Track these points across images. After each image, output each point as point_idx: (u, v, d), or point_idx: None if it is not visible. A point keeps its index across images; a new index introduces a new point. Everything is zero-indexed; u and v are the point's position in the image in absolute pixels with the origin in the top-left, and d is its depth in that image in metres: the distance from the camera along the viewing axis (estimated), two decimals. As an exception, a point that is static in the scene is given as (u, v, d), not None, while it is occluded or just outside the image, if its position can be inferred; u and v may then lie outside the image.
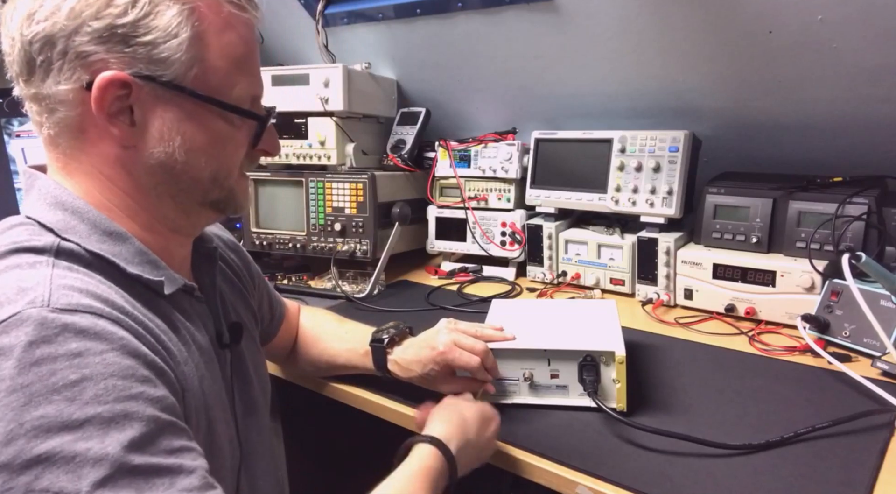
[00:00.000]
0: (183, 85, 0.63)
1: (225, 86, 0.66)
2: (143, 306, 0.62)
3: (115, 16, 0.59)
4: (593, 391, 0.88)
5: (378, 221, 1.56)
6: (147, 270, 0.65)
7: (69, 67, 0.60)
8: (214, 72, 0.64)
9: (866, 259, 0.98)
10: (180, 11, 0.61)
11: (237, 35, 0.66)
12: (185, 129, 0.65)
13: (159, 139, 0.64)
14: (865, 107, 1.27)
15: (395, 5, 1.64)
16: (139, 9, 0.60)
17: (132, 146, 0.64)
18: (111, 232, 0.64)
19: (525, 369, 0.92)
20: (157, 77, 0.62)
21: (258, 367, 0.86)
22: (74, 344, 0.52)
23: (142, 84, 0.61)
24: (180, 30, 0.61)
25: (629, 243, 1.42)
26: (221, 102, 0.66)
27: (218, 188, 0.70)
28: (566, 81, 1.59)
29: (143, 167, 0.65)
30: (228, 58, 0.65)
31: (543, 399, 0.93)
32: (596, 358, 0.90)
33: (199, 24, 0.62)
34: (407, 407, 0.96)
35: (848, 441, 0.82)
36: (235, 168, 0.71)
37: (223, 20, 0.64)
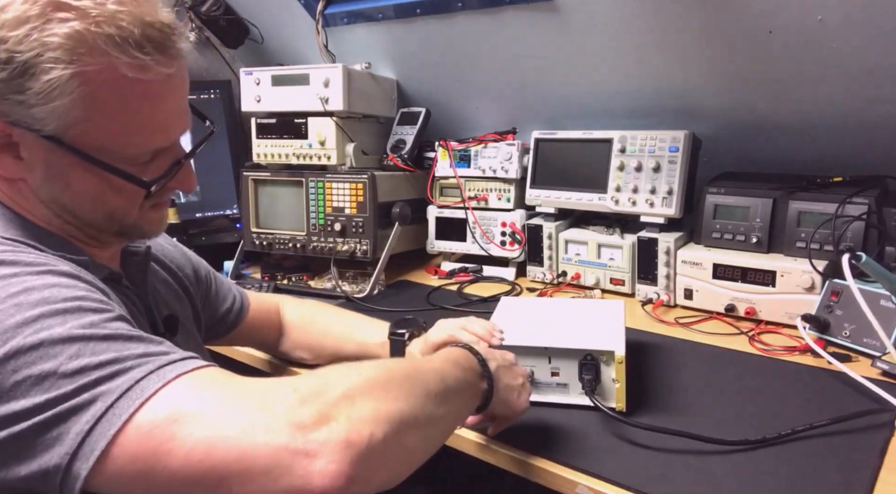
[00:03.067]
0: (64, 141, 0.60)
1: (115, 144, 0.63)
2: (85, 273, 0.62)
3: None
4: (591, 391, 0.88)
5: (378, 221, 1.55)
6: (69, 251, 0.64)
7: None
8: (101, 131, 0.61)
9: (866, 259, 0.98)
10: (60, 75, 0.57)
11: (134, 95, 0.62)
12: (69, 178, 0.63)
13: (44, 180, 0.63)
14: (865, 107, 1.27)
15: (395, 5, 1.64)
16: (12, 68, 0.57)
17: (20, 178, 0.63)
18: (26, 226, 0.64)
19: (526, 366, 0.92)
20: (36, 130, 0.60)
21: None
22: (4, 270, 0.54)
23: (21, 132, 0.60)
24: (62, 92, 0.58)
25: (629, 243, 1.42)
26: (104, 162, 0.63)
27: (117, 224, 0.69)
28: (566, 81, 1.59)
29: (35, 198, 0.65)
30: (119, 119, 0.62)
31: (544, 397, 0.93)
32: (596, 357, 0.90)
33: (85, 88, 0.59)
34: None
35: (848, 441, 0.82)
36: (133, 209, 0.69)
37: (115, 82, 0.60)
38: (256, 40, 1.98)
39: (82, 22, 0.57)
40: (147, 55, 0.60)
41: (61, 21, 0.57)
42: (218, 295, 1.01)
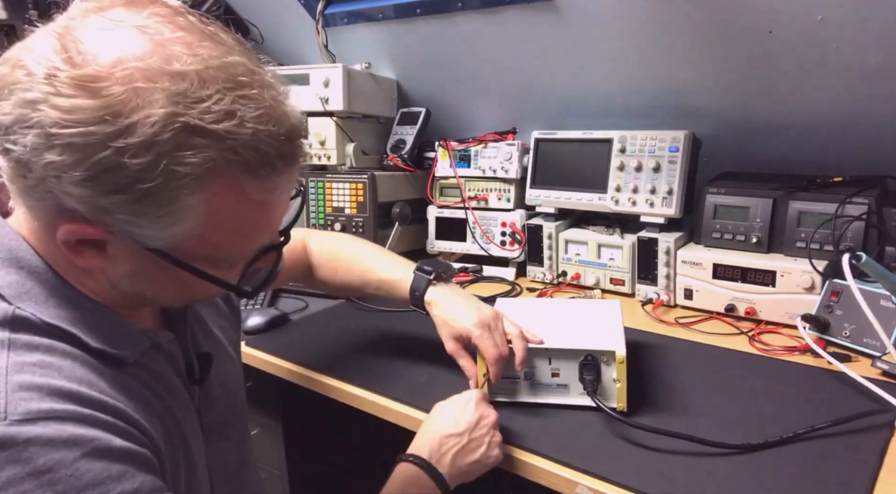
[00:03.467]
0: (168, 254, 0.55)
1: (221, 260, 0.59)
2: (109, 381, 0.57)
3: (102, 192, 0.50)
4: (593, 391, 0.88)
5: (378, 221, 1.55)
6: (109, 337, 0.59)
7: (41, 194, 0.52)
8: (213, 249, 0.57)
9: (866, 259, 0.98)
10: (187, 205, 0.52)
11: (251, 218, 0.57)
12: (160, 278, 0.59)
13: (129, 277, 0.59)
14: (865, 107, 1.27)
15: (395, 5, 1.64)
16: (132, 193, 0.50)
17: (98, 270, 0.58)
18: (70, 297, 0.58)
19: (526, 367, 0.92)
20: (141, 243, 0.54)
21: (227, 382, 0.81)
22: (42, 460, 0.48)
23: (121, 241, 0.54)
24: (182, 219, 0.53)
25: (629, 243, 1.42)
26: (209, 275, 0.58)
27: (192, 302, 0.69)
28: (566, 81, 1.59)
29: (110, 284, 0.60)
30: (235, 238, 0.58)
31: (544, 398, 0.93)
32: (597, 358, 0.90)
33: (208, 211, 0.53)
34: (408, 407, 0.96)
35: (848, 441, 0.82)
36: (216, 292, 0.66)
37: (242, 205, 0.55)
38: (256, 40, 1.98)
39: (218, 149, 0.51)
40: (279, 176, 0.55)
41: (195, 147, 0.50)
42: None
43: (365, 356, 1.13)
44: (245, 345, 1.19)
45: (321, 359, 1.12)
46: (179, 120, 0.49)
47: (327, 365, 1.09)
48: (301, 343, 1.19)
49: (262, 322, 1.26)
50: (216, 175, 0.52)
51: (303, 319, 1.33)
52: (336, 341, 1.20)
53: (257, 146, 0.52)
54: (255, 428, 1.30)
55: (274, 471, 1.31)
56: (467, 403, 0.83)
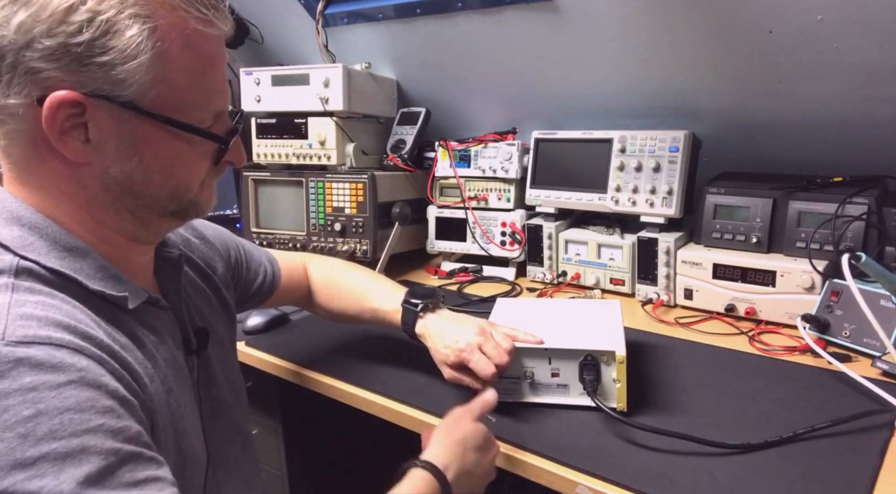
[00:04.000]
0: (141, 106, 0.60)
1: (186, 105, 0.63)
2: (107, 325, 0.61)
3: (69, 34, 0.56)
4: (593, 391, 0.88)
5: (378, 221, 1.55)
6: (110, 285, 0.63)
7: (19, 81, 0.57)
8: (175, 91, 0.62)
9: (866, 259, 0.98)
10: (140, 31, 0.58)
11: (202, 52, 0.63)
12: (142, 148, 0.62)
13: (115, 158, 0.62)
14: (865, 107, 1.27)
15: (395, 5, 1.64)
16: (95, 27, 0.56)
17: (86, 163, 0.61)
18: (71, 247, 0.62)
19: (526, 367, 0.92)
20: (114, 97, 0.59)
21: (226, 366, 0.85)
22: (28, 378, 0.50)
23: (97, 103, 0.59)
24: (140, 50, 0.58)
25: (629, 243, 1.42)
26: (182, 122, 0.63)
27: (177, 201, 0.68)
28: (566, 81, 1.59)
29: (99, 183, 0.63)
30: (191, 76, 0.63)
31: (544, 398, 0.93)
32: (596, 358, 0.90)
33: (162, 44, 0.59)
34: (408, 407, 0.96)
35: (848, 441, 0.82)
36: (196, 182, 0.69)
37: (187, 37, 0.61)
38: (256, 40, 1.98)
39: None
40: (209, 10, 0.62)
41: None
42: (249, 274, 1.00)
43: (365, 356, 1.13)
44: (245, 345, 1.20)
45: (321, 359, 1.12)
46: None
47: (327, 365, 1.09)
48: (301, 343, 1.19)
49: (262, 322, 1.26)
50: (156, 4, 0.59)
51: (303, 319, 1.33)
52: (336, 341, 1.20)
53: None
54: (255, 428, 1.30)
55: (274, 471, 1.31)
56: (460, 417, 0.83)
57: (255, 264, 1.03)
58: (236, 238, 1.01)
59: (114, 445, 0.51)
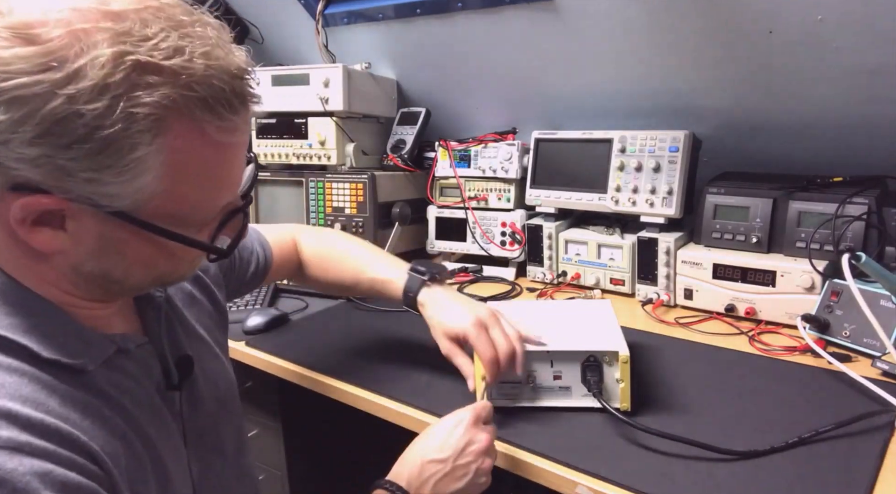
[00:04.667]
0: (133, 216, 0.52)
1: (187, 214, 0.56)
2: (60, 397, 0.53)
3: (58, 148, 0.47)
4: (598, 392, 0.88)
5: (378, 221, 1.55)
6: (68, 345, 0.56)
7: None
8: (178, 203, 0.54)
9: (866, 259, 0.98)
10: (147, 151, 0.49)
11: (215, 162, 0.55)
12: (126, 249, 0.55)
13: (92, 254, 0.55)
14: (865, 107, 1.27)
15: (395, 5, 1.64)
16: (91, 145, 0.47)
17: (59, 252, 0.54)
18: (27, 303, 0.55)
19: (528, 370, 0.92)
20: (102, 207, 0.51)
21: (212, 381, 0.78)
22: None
23: (79, 208, 0.51)
24: (143, 170, 0.50)
25: (629, 243, 1.42)
26: (176, 234, 0.55)
27: (161, 282, 0.63)
28: (566, 81, 1.59)
29: (72, 271, 0.56)
30: (199, 187, 0.55)
31: (546, 401, 0.93)
32: (599, 358, 0.89)
33: (171, 160, 0.51)
34: (409, 407, 0.96)
35: (848, 442, 0.82)
36: (185, 265, 0.63)
37: (202, 152, 0.53)
38: (256, 40, 1.98)
39: (174, 87, 0.49)
40: (236, 115, 0.53)
41: (150, 87, 0.48)
42: (241, 264, 0.98)
43: (365, 356, 1.13)
44: (245, 345, 1.20)
45: (321, 359, 1.12)
46: (129, 58, 0.47)
47: (327, 365, 1.09)
48: (301, 343, 1.19)
49: (262, 322, 1.26)
50: (175, 115, 0.50)
51: (303, 319, 1.33)
52: (336, 341, 1.20)
53: (210, 82, 0.51)
54: (255, 428, 1.30)
55: (274, 471, 1.31)
56: (456, 426, 0.78)
57: (247, 252, 1.00)
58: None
59: None
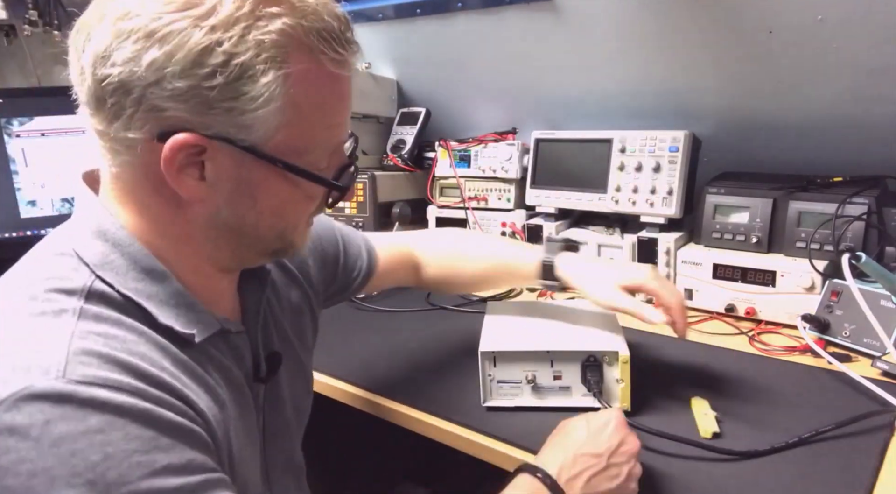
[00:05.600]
0: (263, 151, 0.57)
1: (308, 148, 0.60)
2: (172, 357, 0.58)
3: (202, 77, 0.53)
4: (598, 392, 0.88)
5: (378, 221, 1.56)
6: (181, 315, 0.61)
7: (142, 116, 0.54)
8: (299, 136, 0.59)
9: (866, 259, 0.98)
10: (276, 77, 0.54)
11: (332, 95, 0.60)
12: (258, 191, 0.60)
13: (229, 199, 0.60)
14: (865, 107, 1.27)
15: (395, 5, 1.64)
16: (230, 71, 0.53)
17: (198, 200, 0.59)
18: (150, 270, 0.60)
19: (527, 371, 0.91)
20: (238, 141, 0.56)
21: (294, 387, 0.81)
22: (94, 420, 0.48)
23: (218, 146, 0.56)
24: (272, 97, 0.55)
25: (629, 243, 1.42)
26: (303, 169, 0.60)
27: (280, 242, 0.66)
28: (566, 81, 1.59)
29: (207, 221, 0.61)
30: (317, 119, 0.60)
31: (546, 401, 0.92)
32: (599, 358, 0.89)
33: (294, 89, 0.56)
34: (409, 408, 0.96)
35: (848, 442, 0.82)
36: (303, 222, 0.67)
37: (320, 82, 0.58)
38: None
39: (292, 17, 0.55)
40: (345, 50, 0.59)
41: (272, 17, 0.54)
42: (346, 267, 0.97)
43: (366, 356, 1.13)
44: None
45: (321, 359, 1.12)
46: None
47: (327, 365, 1.09)
48: (301, 343, 1.19)
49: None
50: (295, 44, 0.55)
51: (303, 319, 1.33)
52: (336, 340, 1.20)
53: (322, 17, 0.57)
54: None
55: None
56: (607, 423, 0.74)
57: (353, 255, 0.98)
58: (337, 228, 0.97)
59: (179, 481, 0.51)
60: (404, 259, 1.06)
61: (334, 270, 0.95)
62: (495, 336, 0.97)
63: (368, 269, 1.00)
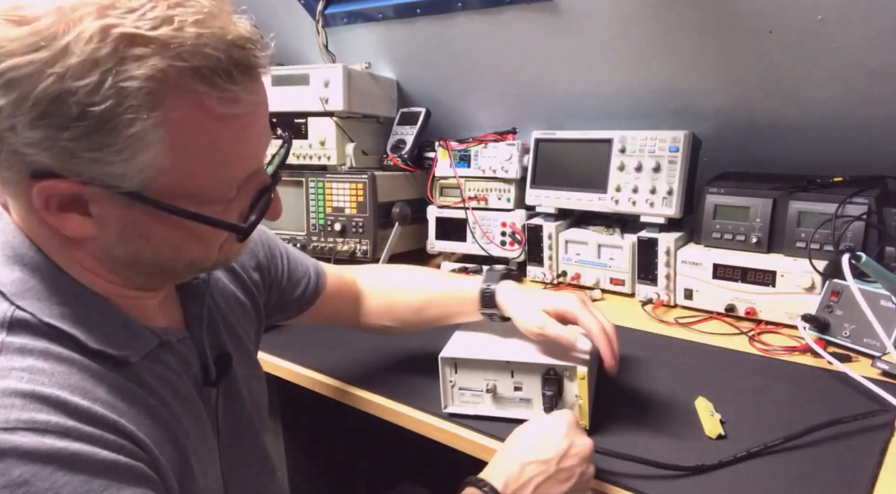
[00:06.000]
0: (147, 196, 0.52)
1: (202, 189, 0.55)
2: (107, 386, 0.55)
3: (56, 128, 0.48)
4: (550, 407, 0.85)
5: (378, 221, 1.56)
6: (114, 336, 0.57)
7: (7, 158, 0.50)
8: (189, 179, 0.54)
9: (866, 259, 0.98)
10: (143, 127, 0.49)
11: (223, 134, 0.54)
12: (149, 232, 0.56)
13: (119, 238, 0.56)
14: (865, 107, 1.27)
15: (395, 5, 1.64)
16: (87, 123, 0.47)
17: (89, 238, 0.55)
18: (75, 293, 0.56)
19: (488, 380, 0.89)
20: (114, 188, 0.51)
21: (251, 382, 0.79)
22: (17, 471, 0.46)
23: (95, 190, 0.52)
24: (143, 146, 0.50)
25: (629, 243, 1.42)
26: (193, 213, 0.55)
27: (195, 268, 0.63)
28: (566, 81, 1.59)
29: (104, 254, 0.57)
30: (210, 162, 0.54)
31: (507, 412, 0.90)
32: (559, 373, 0.86)
33: (173, 135, 0.50)
34: (408, 407, 0.96)
35: (848, 442, 0.82)
36: (215, 251, 0.62)
37: (204, 125, 0.52)
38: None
39: (163, 57, 0.48)
40: (236, 85, 0.52)
41: (138, 59, 0.47)
42: (290, 281, 0.94)
43: (365, 356, 1.13)
44: (245, 345, 1.19)
45: (321, 359, 1.12)
46: (115, 31, 0.47)
47: (327, 365, 1.09)
48: (301, 343, 1.19)
49: (262, 322, 1.25)
50: (169, 88, 0.49)
51: (303, 319, 1.33)
52: (336, 341, 1.20)
53: (204, 51, 0.49)
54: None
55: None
56: (557, 426, 0.73)
57: (298, 273, 0.95)
58: (280, 242, 0.94)
59: None
60: (349, 287, 1.03)
61: (278, 278, 0.91)
62: (458, 344, 0.95)
63: (316, 285, 0.97)
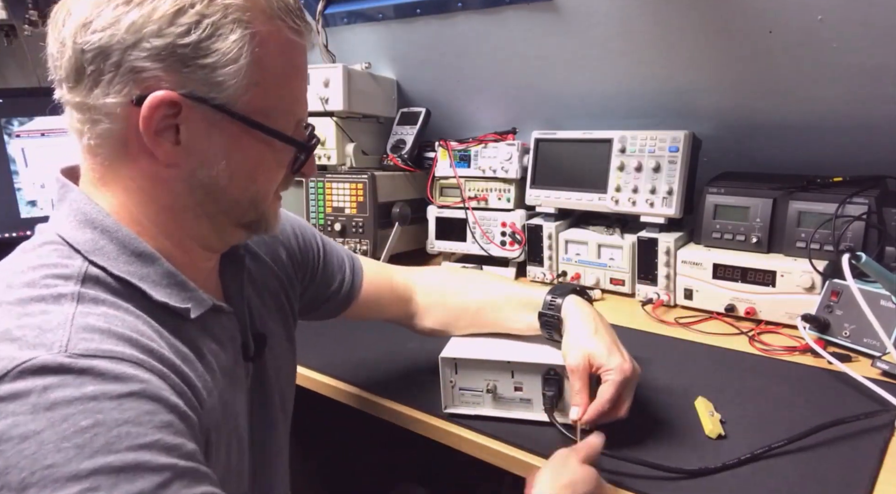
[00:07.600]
0: (234, 110, 0.61)
1: (275, 111, 0.65)
2: (169, 336, 0.60)
3: (177, 35, 0.57)
4: (551, 407, 0.85)
5: (378, 221, 1.56)
6: (174, 294, 0.63)
7: (121, 80, 0.58)
8: (266, 97, 0.63)
9: (866, 259, 0.98)
10: (242, 36, 0.60)
11: (292, 61, 0.65)
12: (230, 152, 0.63)
13: (203, 161, 0.63)
14: (865, 107, 1.27)
15: (395, 5, 1.64)
16: (202, 30, 0.58)
17: (174, 165, 0.62)
18: (139, 252, 0.62)
19: (488, 380, 0.89)
20: (210, 99, 0.60)
21: (280, 372, 0.82)
22: (91, 387, 0.49)
23: (192, 105, 0.60)
24: (240, 54, 0.60)
25: (629, 243, 1.42)
26: (271, 128, 0.64)
27: (254, 210, 0.69)
28: (566, 81, 1.59)
29: (184, 186, 0.63)
30: (281, 83, 0.64)
31: (508, 412, 0.90)
32: (560, 373, 0.86)
33: (259, 50, 0.61)
34: (409, 408, 0.96)
35: (848, 442, 0.82)
36: (272, 191, 0.70)
37: (281, 46, 0.63)
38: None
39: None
40: (301, 22, 0.65)
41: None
42: (325, 276, 0.95)
43: (365, 356, 1.13)
44: (245, 345, 1.19)
45: (321, 359, 1.12)
46: None
47: (327, 365, 1.09)
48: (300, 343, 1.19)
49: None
50: (258, 9, 0.61)
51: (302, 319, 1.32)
52: (336, 340, 1.20)
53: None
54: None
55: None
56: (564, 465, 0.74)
57: (333, 266, 0.96)
58: (317, 234, 0.97)
59: (168, 461, 0.50)
60: (395, 292, 1.02)
61: (311, 271, 0.93)
62: (459, 344, 0.95)
63: (351, 285, 0.98)
